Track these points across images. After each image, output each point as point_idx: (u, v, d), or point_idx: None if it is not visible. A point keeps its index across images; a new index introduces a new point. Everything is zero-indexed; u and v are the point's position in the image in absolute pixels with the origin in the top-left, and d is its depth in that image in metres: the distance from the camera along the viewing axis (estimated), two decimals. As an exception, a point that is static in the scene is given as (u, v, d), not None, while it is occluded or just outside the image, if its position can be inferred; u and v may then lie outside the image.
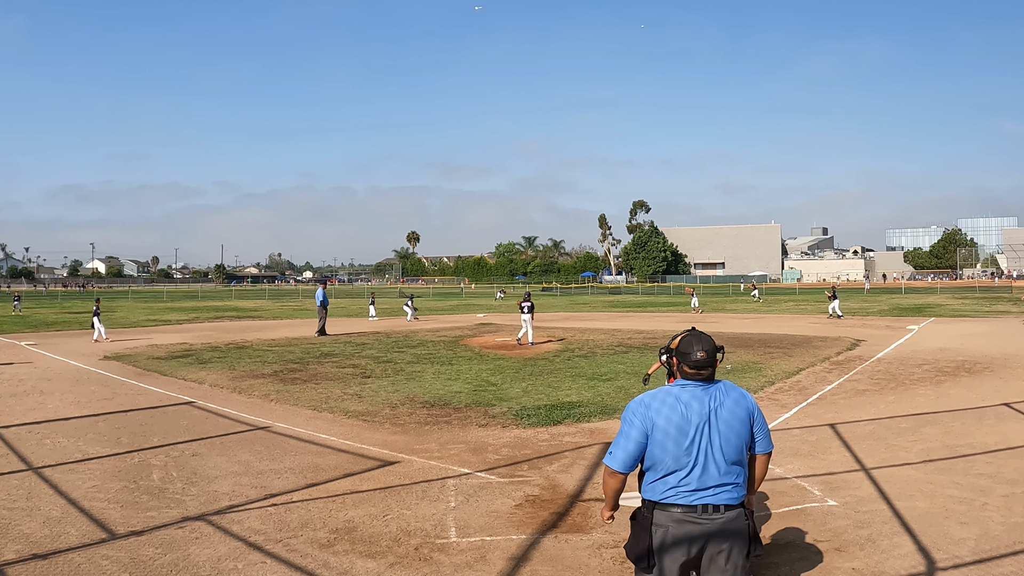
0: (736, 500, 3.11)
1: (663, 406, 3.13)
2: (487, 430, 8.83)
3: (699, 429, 3.08)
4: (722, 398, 3.15)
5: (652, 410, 3.13)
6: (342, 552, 5.00)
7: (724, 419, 3.11)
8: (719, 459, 3.08)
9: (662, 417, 3.10)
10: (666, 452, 3.08)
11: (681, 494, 3.07)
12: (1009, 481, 6.30)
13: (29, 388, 12.17)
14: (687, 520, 3.06)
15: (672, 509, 3.08)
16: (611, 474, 3.17)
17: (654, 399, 3.17)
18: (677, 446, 3.07)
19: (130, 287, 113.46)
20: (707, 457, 3.07)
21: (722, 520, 3.06)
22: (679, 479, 3.08)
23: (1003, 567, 4.59)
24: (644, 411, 3.14)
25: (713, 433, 3.09)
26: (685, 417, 3.08)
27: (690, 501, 3.06)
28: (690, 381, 3.18)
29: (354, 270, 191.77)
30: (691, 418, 3.08)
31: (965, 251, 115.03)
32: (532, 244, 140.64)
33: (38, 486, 6.53)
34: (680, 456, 3.07)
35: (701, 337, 3.24)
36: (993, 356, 14.95)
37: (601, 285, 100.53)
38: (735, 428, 3.12)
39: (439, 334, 22.76)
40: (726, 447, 3.09)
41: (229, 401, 11.01)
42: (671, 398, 3.14)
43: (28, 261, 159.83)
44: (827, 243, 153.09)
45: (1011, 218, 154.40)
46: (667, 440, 3.08)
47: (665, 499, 3.09)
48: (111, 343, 20.07)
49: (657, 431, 3.09)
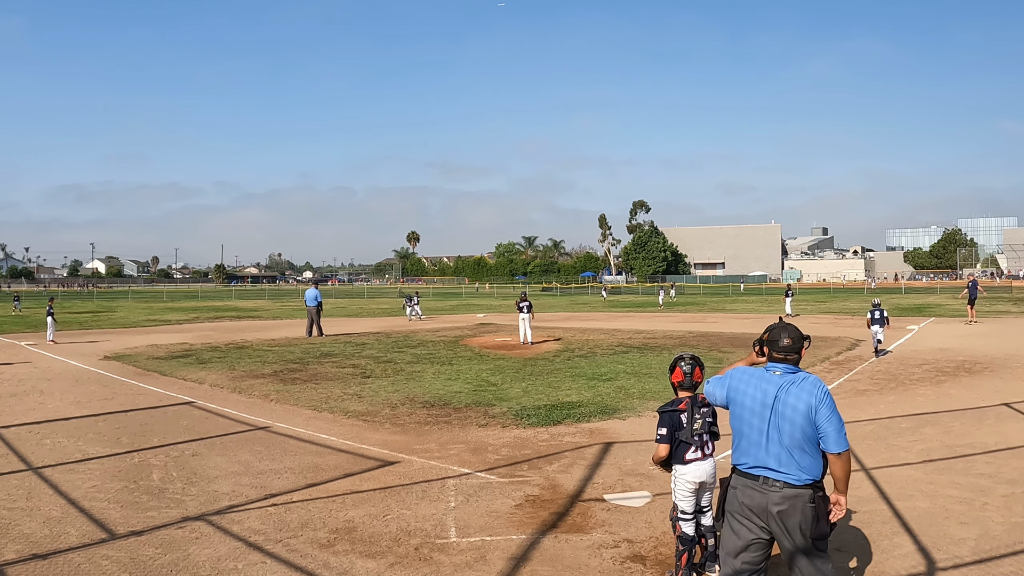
0: (798, 481, 3.39)
1: (741, 382, 3.60)
2: (487, 430, 8.83)
3: (766, 409, 3.47)
4: (791, 387, 3.47)
5: (733, 387, 3.62)
6: (342, 552, 5.00)
7: (788, 405, 3.43)
8: (779, 440, 3.43)
9: (739, 391, 3.58)
10: (741, 422, 3.55)
11: (747, 464, 3.52)
12: (1009, 481, 6.30)
13: (29, 388, 12.17)
14: (750, 487, 3.48)
15: (741, 476, 3.55)
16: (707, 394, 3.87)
17: (737, 376, 3.65)
18: (749, 419, 3.51)
19: (130, 287, 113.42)
20: (769, 436, 3.45)
21: (779, 495, 3.40)
22: (747, 449, 3.52)
23: (1003, 567, 4.59)
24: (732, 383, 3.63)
25: (775, 416, 3.45)
26: (757, 394, 3.51)
27: (752, 471, 3.49)
28: (778, 364, 3.57)
29: (354, 270, 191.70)
30: (762, 398, 3.49)
31: (965, 251, 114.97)
32: (532, 244, 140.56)
33: (38, 486, 6.53)
34: (750, 429, 3.51)
35: (787, 327, 3.65)
36: (993, 356, 14.95)
37: (601, 285, 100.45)
38: (794, 417, 3.41)
39: (439, 334, 22.75)
40: (785, 431, 3.42)
41: (229, 401, 11.01)
42: (755, 377, 3.59)
43: (28, 261, 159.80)
44: (827, 243, 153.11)
45: (1011, 218, 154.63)
46: (743, 411, 3.54)
47: (738, 464, 3.58)
48: (56, 346, 19.46)
49: (734, 404, 3.58)
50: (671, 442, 4.50)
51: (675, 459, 4.54)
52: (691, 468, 4.51)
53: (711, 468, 4.56)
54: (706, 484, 4.57)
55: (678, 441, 4.51)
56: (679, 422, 4.50)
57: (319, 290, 23.38)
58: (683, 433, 4.49)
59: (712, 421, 4.59)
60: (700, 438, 4.53)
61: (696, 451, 4.52)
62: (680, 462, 4.53)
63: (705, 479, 4.54)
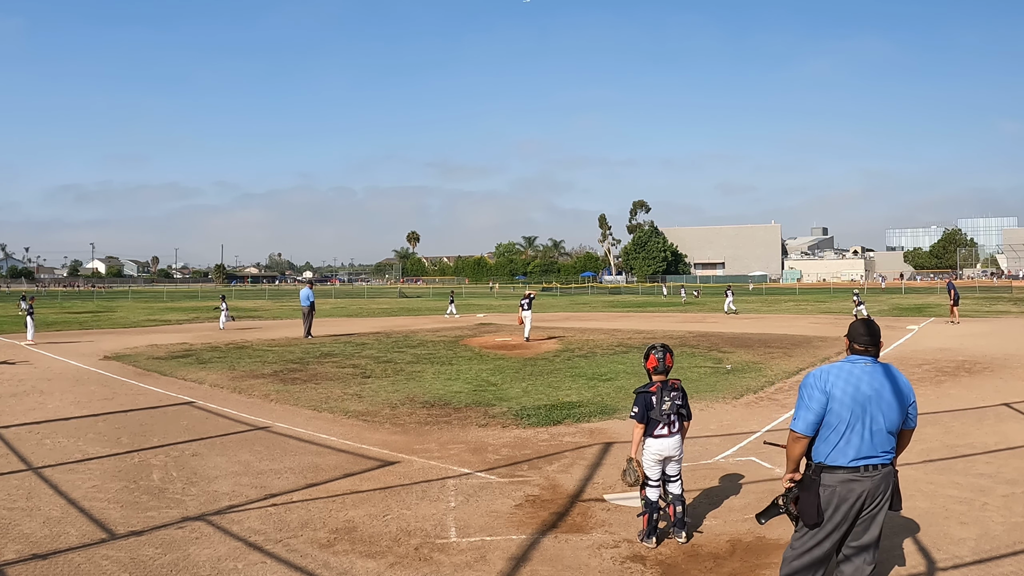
0: (888, 460, 3.63)
1: (838, 379, 3.61)
2: (487, 430, 8.83)
3: (867, 401, 3.57)
4: (886, 376, 3.64)
5: (830, 383, 3.61)
6: (342, 552, 5.00)
7: (889, 393, 3.60)
8: (879, 429, 3.57)
9: (838, 389, 3.59)
10: (840, 419, 3.57)
11: (847, 457, 3.55)
12: (1009, 481, 6.30)
13: (29, 388, 12.17)
14: (851, 479, 3.55)
15: (838, 471, 3.57)
16: (796, 438, 3.66)
17: (830, 372, 3.65)
18: (848, 414, 3.56)
19: (130, 287, 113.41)
20: (869, 427, 3.56)
21: (879, 476, 3.58)
22: (846, 444, 3.55)
23: (1003, 567, 4.59)
24: (825, 380, 3.63)
25: (875, 407, 3.57)
26: (857, 389, 3.58)
27: (854, 463, 3.55)
28: (860, 357, 3.69)
29: (354, 270, 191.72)
30: (862, 391, 3.58)
31: (965, 251, 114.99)
32: (532, 244, 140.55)
33: (38, 486, 6.52)
34: (849, 424, 3.55)
35: (868, 323, 3.80)
36: (993, 356, 14.95)
37: (601, 285, 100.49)
38: (895, 404, 3.60)
39: (439, 334, 22.75)
40: (887, 419, 3.58)
41: (229, 401, 11.01)
42: (845, 372, 3.63)
43: (28, 261, 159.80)
44: (827, 243, 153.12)
45: (1011, 218, 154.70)
46: (842, 409, 3.57)
47: (833, 462, 3.58)
48: (34, 346, 19.38)
49: (834, 401, 3.58)
50: (644, 419, 5.12)
51: (646, 433, 5.17)
52: (658, 442, 5.14)
53: (676, 443, 5.18)
54: (672, 457, 5.18)
55: (649, 418, 5.12)
56: (651, 402, 5.12)
57: (312, 290, 23.51)
58: (654, 412, 5.11)
59: (681, 404, 5.18)
60: (668, 417, 5.12)
61: (664, 428, 5.13)
62: (650, 436, 5.16)
63: (670, 453, 5.16)
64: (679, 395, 5.17)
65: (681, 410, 5.18)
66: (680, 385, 5.26)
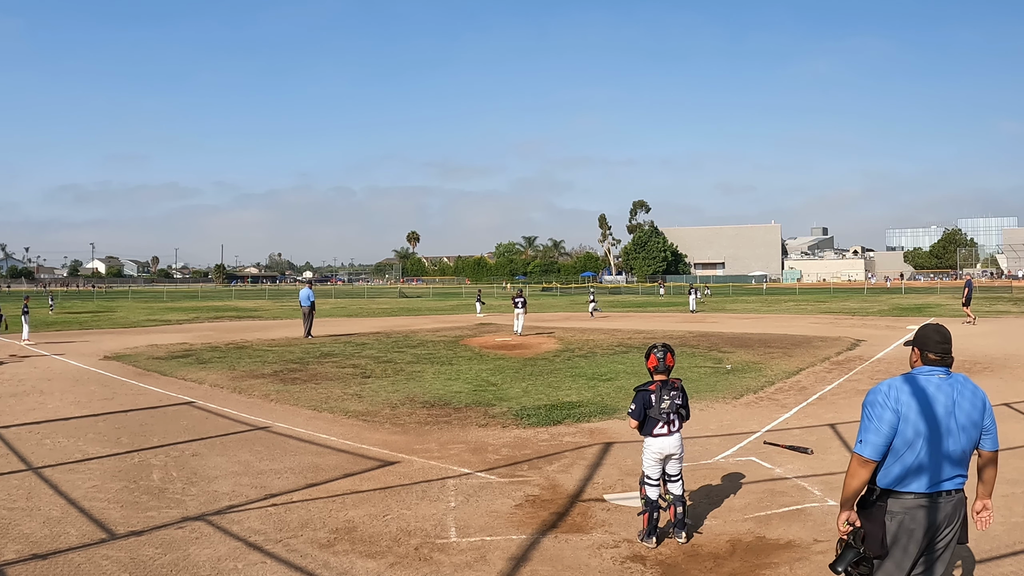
0: (961, 486, 3.17)
1: (912, 397, 3.14)
2: (487, 430, 8.83)
3: (941, 420, 3.11)
4: (962, 390, 3.20)
5: (902, 402, 3.13)
6: (342, 552, 5.00)
7: (964, 412, 3.16)
8: (953, 450, 3.12)
9: (912, 409, 3.11)
10: (911, 441, 3.10)
11: (919, 482, 3.11)
12: (1009, 481, 6.30)
13: (29, 388, 12.17)
14: (922, 506, 3.10)
15: (906, 496, 3.12)
16: (862, 463, 3.13)
17: (902, 389, 3.18)
18: (920, 435, 3.09)
19: (130, 287, 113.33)
20: (945, 447, 3.11)
21: (953, 502, 3.14)
22: (917, 466, 3.10)
23: (1003, 567, 4.59)
24: (895, 399, 3.15)
25: (953, 424, 3.13)
26: (932, 408, 3.12)
27: (927, 489, 3.10)
28: (935, 368, 3.23)
29: (354, 270, 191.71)
30: (937, 409, 3.13)
31: (965, 251, 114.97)
32: (532, 244, 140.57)
33: (38, 486, 6.53)
34: (923, 444, 3.09)
35: (939, 328, 3.35)
36: (993, 356, 14.95)
37: (601, 285, 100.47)
38: (972, 420, 3.17)
39: (439, 334, 22.75)
40: (963, 438, 3.15)
41: (229, 401, 11.01)
42: (918, 388, 3.17)
43: (28, 261, 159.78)
44: (827, 243, 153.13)
45: (1011, 218, 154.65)
46: (913, 429, 3.09)
47: (904, 487, 3.13)
48: (30, 346, 19.37)
49: (906, 423, 3.11)
50: (641, 417, 5.16)
51: (645, 432, 5.20)
52: (658, 441, 5.18)
53: (676, 442, 5.20)
54: (672, 455, 5.20)
55: (648, 417, 5.15)
56: (650, 400, 5.15)
57: (312, 290, 23.53)
58: (653, 410, 5.13)
59: (681, 404, 5.21)
60: (667, 416, 5.14)
61: (663, 427, 5.16)
62: (649, 435, 5.19)
63: (670, 451, 5.18)
64: (679, 394, 5.21)
65: (681, 410, 5.21)
66: (680, 384, 5.29)
